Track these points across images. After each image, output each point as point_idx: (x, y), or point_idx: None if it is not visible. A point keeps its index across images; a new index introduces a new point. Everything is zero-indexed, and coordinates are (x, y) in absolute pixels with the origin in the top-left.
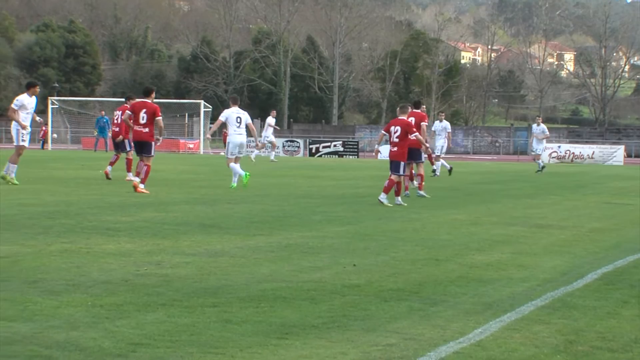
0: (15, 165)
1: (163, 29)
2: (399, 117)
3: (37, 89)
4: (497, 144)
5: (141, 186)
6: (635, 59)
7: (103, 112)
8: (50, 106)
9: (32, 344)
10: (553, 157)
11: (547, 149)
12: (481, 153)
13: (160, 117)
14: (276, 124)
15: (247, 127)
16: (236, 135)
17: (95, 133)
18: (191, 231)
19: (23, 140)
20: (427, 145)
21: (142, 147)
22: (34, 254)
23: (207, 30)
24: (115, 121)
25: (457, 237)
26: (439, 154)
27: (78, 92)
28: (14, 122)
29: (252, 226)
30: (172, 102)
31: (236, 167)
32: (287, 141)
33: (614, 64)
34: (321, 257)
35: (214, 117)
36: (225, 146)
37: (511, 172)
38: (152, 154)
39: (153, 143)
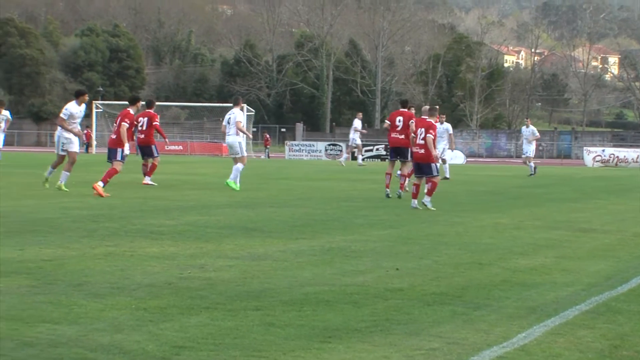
0: (68, 173)
1: (206, 32)
2: (424, 118)
3: (86, 97)
4: (540, 148)
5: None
6: None
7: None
8: (94, 110)
9: (76, 346)
10: (597, 161)
11: (591, 152)
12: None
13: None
14: (318, 128)
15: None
16: (227, 136)
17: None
18: (234, 234)
19: (63, 151)
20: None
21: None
22: (78, 257)
23: (250, 34)
24: (140, 128)
25: (501, 241)
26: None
27: (122, 95)
28: (58, 130)
29: (294, 230)
30: (215, 105)
31: (236, 167)
32: (329, 145)
33: None
34: (364, 261)
35: (256, 122)
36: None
37: (554, 175)
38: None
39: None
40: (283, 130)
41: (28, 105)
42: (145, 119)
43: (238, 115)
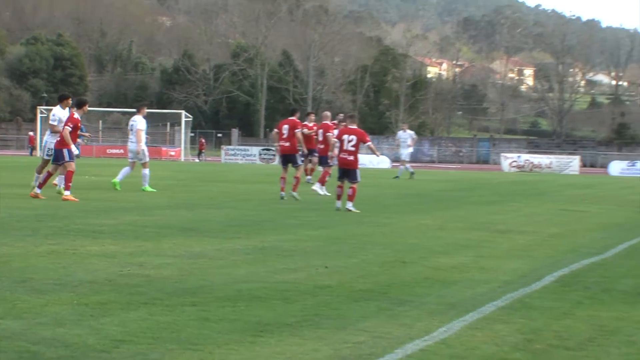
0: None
1: (146, 42)
2: (350, 127)
3: (70, 101)
4: (460, 154)
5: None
6: (591, 74)
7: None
8: (39, 115)
9: (20, 340)
10: (513, 167)
11: (508, 158)
12: (446, 162)
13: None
14: (252, 133)
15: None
16: (130, 143)
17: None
18: (172, 234)
19: (48, 156)
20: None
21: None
22: (22, 255)
23: (188, 44)
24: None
25: (424, 241)
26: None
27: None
28: (46, 135)
29: (229, 230)
30: (154, 112)
31: (124, 170)
32: (263, 149)
33: (570, 79)
34: (295, 260)
35: (194, 127)
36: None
37: (474, 180)
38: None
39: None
40: (219, 135)
41: None
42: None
43: (139, 124)
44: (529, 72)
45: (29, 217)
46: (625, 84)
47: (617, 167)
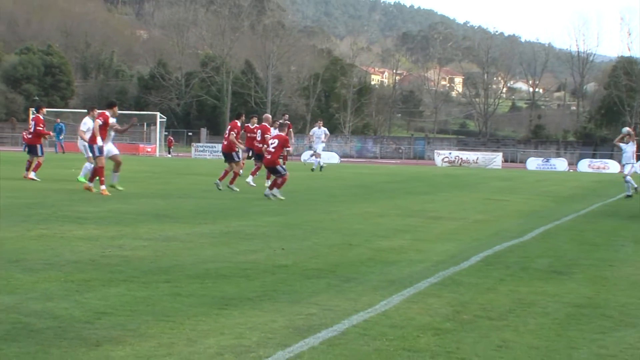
0: (118, 174)
1: (126, 53)
2: (279, 133)
3: (116, 109)
4: (400, 151)
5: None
6: (511, 82)
7: (59, 120)
8: (31, 115)
9: (13, 312)
10: (445, 162)
11: (440, 154)
12: (387, 158)
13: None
14: (219, 132)
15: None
16: (79, 141)
17: (53, 136)
18: (148, 220)
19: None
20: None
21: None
22: (15, 238)
23: (162, 54)
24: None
25: (367, 227)
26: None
27: (55, 104)
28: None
29: (198, 216)
30: (133, 113)
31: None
32: (244, 150)
33: (494, 86)
34: (255, 242)
35: (167, 127)
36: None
37: (411, 173)
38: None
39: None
40: (190, 134)
41: None
42: (34, 122)
43: (86, 124)
44: (458, 80)
45: (21, 205)
46: (540, 90)
47: (534, 163)
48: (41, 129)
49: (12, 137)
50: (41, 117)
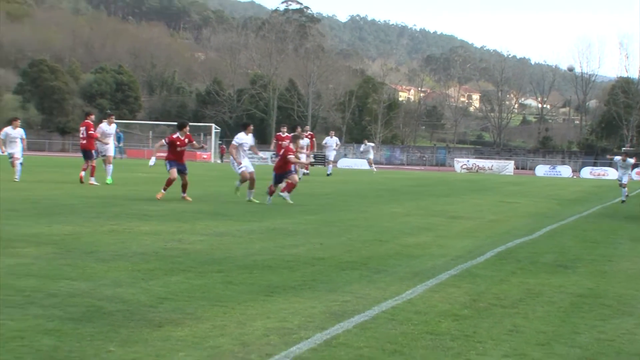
0: (253, 191)
1: (186, 72)
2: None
3: (251, 127)
4: (423, 158)
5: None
6: (522, 99)
7: (118, 130)
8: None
9: (88, 297)
10: (464, 168)
11: (459, 162)
12: (412, 164)
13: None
14: (265, 142)
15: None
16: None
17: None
18: (204, 218)
19: (240, 168)
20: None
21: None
22: (90, 232)
23: (217, 74)
24: (82, 135)
25: (395, 225)
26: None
27: (124, 117)
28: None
29: (247, 215)
30: (191, 124)
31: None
32: (273, 154)
33: (507, 102)
34: (297, 238)
35: (221, 136)
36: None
37: (433, 178)
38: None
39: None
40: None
41: (56, 122)
42: (84, 127)
43: (101, 128)
44: (475, 96)
45: (95, 204)
46: (548, 106)
47: (542, 170)
48: (93, 132)
49: None
50: (90, 122)
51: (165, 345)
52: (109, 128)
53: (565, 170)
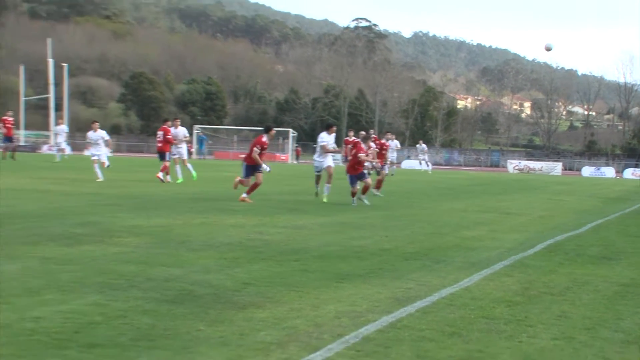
0: (329, 185)
1: (267, 82)
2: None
3: (335, 129)
4: (479, 160)
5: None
6: (570, 107)
7: (202, 133)
8: (194, 131)
9: (181, 281)
10: (515, 169)
11: (512, 163)
12: (469, 165)
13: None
14: (338, 144)
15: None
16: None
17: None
18: (283, 212)
19: (318, 171)
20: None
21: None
22: (182, 225)
23: (294, 84)
24: (159, 138)
25: (453, 219)
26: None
27: (212, 122)
28: (315, 155)
29: (321, 210)
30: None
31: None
32: (342, 157)
33: (555, 110)
34: (365, 231)
35: (298, 140)
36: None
37: (488, 178)
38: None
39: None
40: (314, 146)
41: (153, 127)
42: (162, 132)
43: (176, 132)
44: (527, 104)
45: (187, 200)
46: (593, 113)
47: (587, 171)
48: (170, 137)
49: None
50: (167, 127)
51: (248, 325)
52: (176, 131)
53: (609, 172)
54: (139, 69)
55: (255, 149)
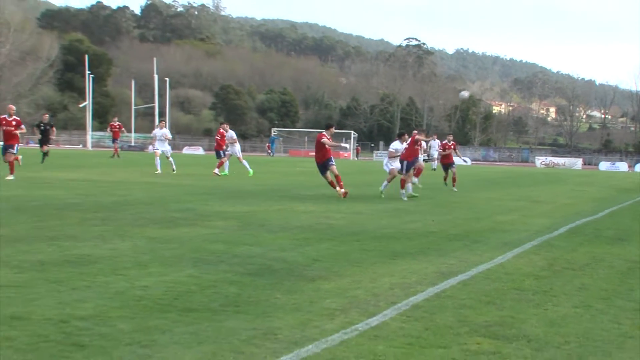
0: (411, 184)
1: (332, 92)
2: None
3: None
4: (511, 156)
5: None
6: (589, 111)
7: (276, 134)
8: (272, 133)
9: (261, 258)
10: (542, 164)
11: (539, 159)
12: (503, 161)
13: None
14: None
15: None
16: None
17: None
18: (345, 201)
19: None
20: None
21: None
22: (262, 211)
23: (355, 93)
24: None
25: (489, 207)
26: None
27: (287, 126)
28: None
29: (377, 199)
30: (336, 131)
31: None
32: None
33: (577, 114)
34: (415, 216)
35: (358, 140)
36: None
37: (519, 172)
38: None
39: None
40: (372, 145)
41: (238, 130)
42: (219, 136)
43: (231, 134)
44: (552, 109)
45: (266, 190)
46: (609, 117)
47: (604, 165)
48: (219, 138)
49: (260, 147)
50: (222, 130)
51: (317, 295)
52: (229, 132)
53: (622, 166)
54: (226, 82)
55: (324, 140)
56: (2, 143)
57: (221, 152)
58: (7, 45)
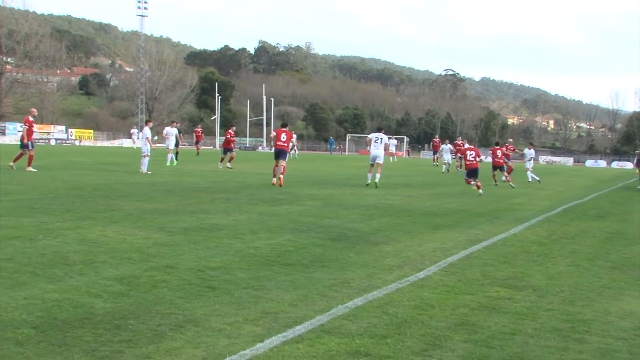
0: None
1: (390, 107)
2: (469, 146)
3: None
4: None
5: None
6: (578, 123)
7: (332, 138)
8: (347, 139)
9: (338, 228)
10: (544, 162)
11: (542, 158)
12: (513, 160)
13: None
14: (431, 148)
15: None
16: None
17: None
18: (398, 187)
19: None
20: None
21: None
22: (339, 194)
23: (407, 109)
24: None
25: (505, 192)
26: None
27: (357, 132)
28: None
29: (425, 186)
30: (395, 137)
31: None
32: (433, 152)
33: (569, 125)
34: (451, 199)
35: (410, 143)
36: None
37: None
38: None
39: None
40: (419, 147)
41: (321, 136)
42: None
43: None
44: (551, 122)
45: (344, 179)
46: (593, 127)
47: (589, 163)
48: (228, 137)
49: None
50: (231, 131)
51: (380, 255)
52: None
53: (602, 164)
54: (314, 101)
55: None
56: (29, 141)
57: (228, 149)
58: (164, 77)
